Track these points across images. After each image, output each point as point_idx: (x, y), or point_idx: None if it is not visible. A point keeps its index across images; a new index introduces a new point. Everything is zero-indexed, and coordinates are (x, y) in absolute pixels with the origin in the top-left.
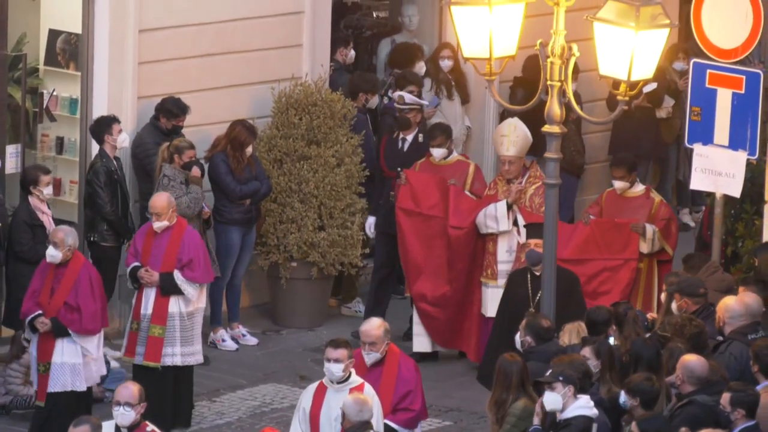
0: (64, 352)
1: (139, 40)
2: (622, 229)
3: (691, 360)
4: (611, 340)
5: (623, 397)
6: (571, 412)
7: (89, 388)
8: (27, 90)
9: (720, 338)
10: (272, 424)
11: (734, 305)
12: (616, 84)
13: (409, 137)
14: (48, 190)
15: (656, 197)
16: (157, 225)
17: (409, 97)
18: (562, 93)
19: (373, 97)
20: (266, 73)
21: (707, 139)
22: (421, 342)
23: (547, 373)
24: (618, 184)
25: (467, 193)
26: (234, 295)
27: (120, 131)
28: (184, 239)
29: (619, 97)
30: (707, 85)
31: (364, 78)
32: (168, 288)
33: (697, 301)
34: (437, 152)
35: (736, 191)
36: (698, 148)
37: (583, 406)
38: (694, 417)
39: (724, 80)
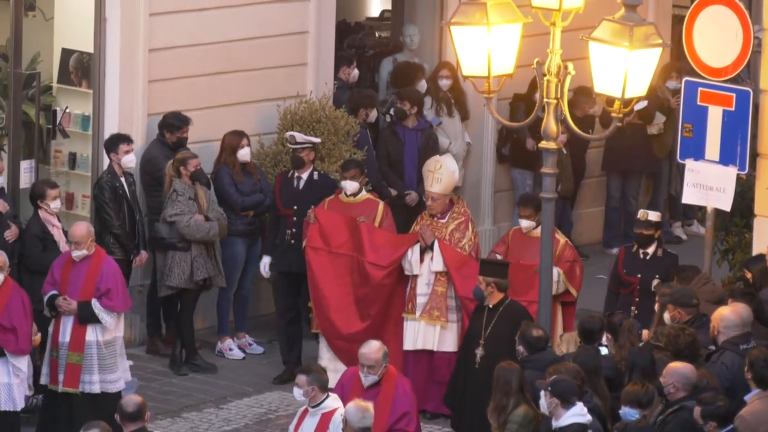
0: None
1: (149, 59)
2: (526, 271)
3: (683, 367)
4: (604, 350)
5: (625, 409)
6: (565, 420)
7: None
8: (41, 107)
9: (712, 348)
10: (278, 431)
11: (729, 315)
12: (610, 101)
13: (304, 175)
14: (55, 204)
15: (561, 239)
16: (76, 254)
17: (300, 136)
18: (558, 110)
19: (372, 111)
20: (272, 91)
21: (699, 154)
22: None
23: (537, 384)
24: (524, 223)
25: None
26: (242, 305)
27: (127, 152)
28: (103, 268)
29: (613, 114)
30: (699, 103)
31: (362, 93)
32: (85, 316)
33: (690, 311)
34: (349, 185)
35: (726, 205)
36: (690, 164)
37: (577, 413)
38: (686, 422)
39: (715, 98)
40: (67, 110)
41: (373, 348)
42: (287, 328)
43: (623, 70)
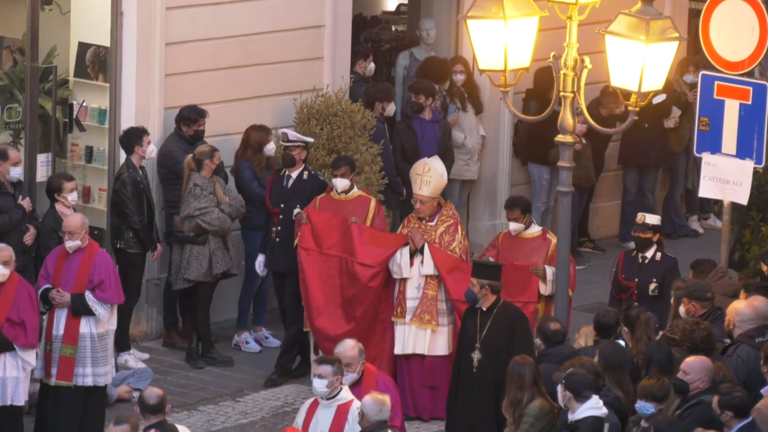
0: (6, 366)
1: (165, 53)
2: (521, 272)
3: (705, 361)
4: (621, 343)
5: (641, 403)
6: (581, 413)
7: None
8: (57, 101)
9: (727, 341)
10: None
11: (744, 309)
12: (626, 95)
13: (294, 174)
14: (72, 197)
15: (553, 239)
16: (70, 244)
17: (292, 134)
18: (575, 104)
19: (389, 105)
20: (288, 85)
21: (715, 148)
22: None
23: (553, 377)
24: (513, 226)
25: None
26: (261, 299)
27: (149, 143)
28: (96, 261)
29: (630, 108)
30: (715, 96)
31: (377, 87)
32: (79, 308)
33: (705, 305)
34: (340, 183)
35: (743, 199)
36: (707, 157)
37: (593, 406)
38: (704, 417)
39: (732, 91)
40: (84, 104)
41: (347, 346)
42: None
43: (640, 63)
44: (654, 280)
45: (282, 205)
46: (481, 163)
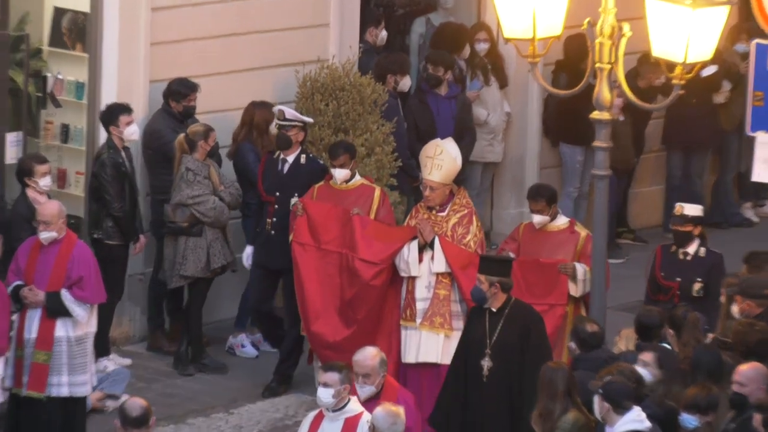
0: None
1: (152, 19)
2: (546, 270)
3: (757, 368)
4: (667, 346)
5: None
6: (620, 427)
7: None
8: (30, 73)
9: None
10: None
11: None
12: (670, 66)
13: (290, 158)
14: (45, 181)
15: (582, 231)
16: (45, 235)
17: (290, 112)
18: (612, 76)
19: (403, 79)
20: (290, 55)
21: None
22: None
23: (589, 386)
24: (537, 218)
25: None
26: None
27: (129, 123)
28: (74, 254)
29: (675, 81)
30: None
31: (391, 58)
32: (54, 309)
33: (761, 303)
34: (339, 173)
35: None
36: (761, 137)
37: (634, 419)
38: None
39: None
40: (60, 76)
41: (368, 354)
42: (266, 326)
43: (686, 31)
44: (699, 279)
45: (278, 193)
46: (506, 143)
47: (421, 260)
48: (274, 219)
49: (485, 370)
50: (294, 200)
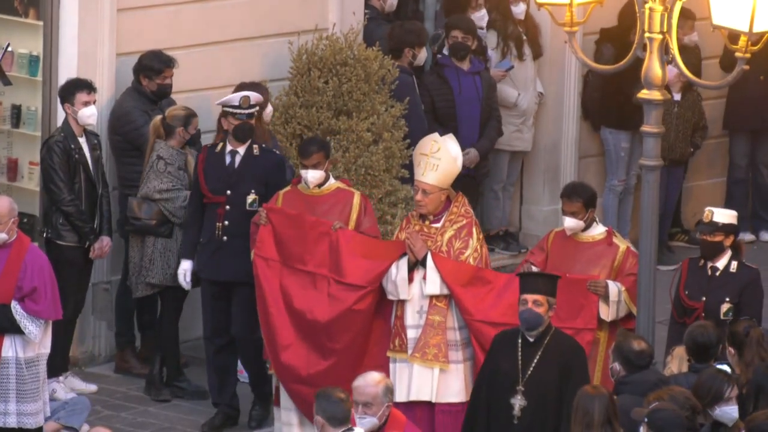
0: None
1: None
2: (573, 288)
3: None
4: (726, 368)
5: None
6: None
7: None
8: None
9: None
10: None
11: None
12: (733, 37)
13: (241, 150)
14: None
15: (621, 244)
16: None
17: (255, 97)
18: (665, 49)
19: (420, 51)
20: (283, 24)
21: None
22: None
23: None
24: (569, 222)
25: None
26: None
27: (87, 103)
28: (27, 260)
29: (738, 54)
30: None
31: (407, 28)
32: (2, 324)
33: None
34: (312, 175)
35: None
36: None
37: None
38: None
39: None
40: (9, 49)
41: (370, 380)
42: (216, 357)
43: None
44: (728, 299)
45: (228, 192)
46: (538, 128)
47: (411, 280)
48: (226, 222)
49: (517, 410)
50: (251, 199)
